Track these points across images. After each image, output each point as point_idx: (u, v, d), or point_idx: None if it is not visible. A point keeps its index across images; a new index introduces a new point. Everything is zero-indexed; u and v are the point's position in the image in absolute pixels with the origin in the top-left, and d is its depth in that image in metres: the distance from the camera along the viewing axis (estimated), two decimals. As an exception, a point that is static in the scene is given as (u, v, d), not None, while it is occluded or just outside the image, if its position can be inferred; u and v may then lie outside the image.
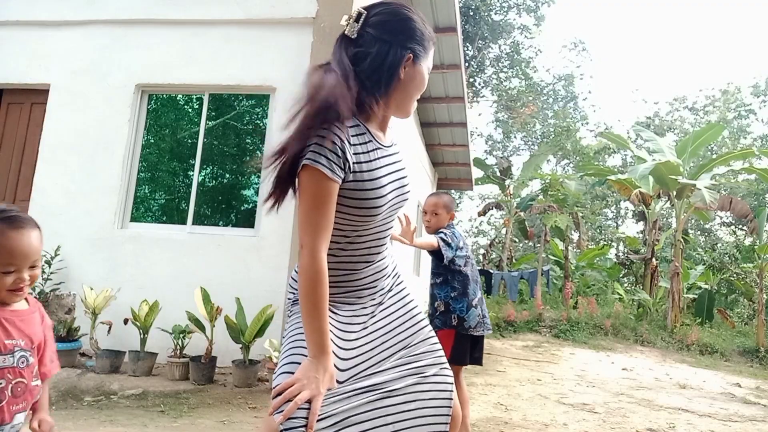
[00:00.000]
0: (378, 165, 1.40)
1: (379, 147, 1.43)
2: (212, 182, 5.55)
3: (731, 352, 10.59)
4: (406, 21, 1.44)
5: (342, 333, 1.40)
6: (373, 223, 1.42)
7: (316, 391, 1.24)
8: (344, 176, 1.32)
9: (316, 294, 1.29)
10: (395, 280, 1.57)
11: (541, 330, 10.92)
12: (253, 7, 5.32)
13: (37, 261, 1.34)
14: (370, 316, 1.47)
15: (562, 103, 24.71)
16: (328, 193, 1.30)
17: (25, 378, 1.32)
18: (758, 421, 4.97)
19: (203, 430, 3.23)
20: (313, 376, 1.25)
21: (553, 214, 13.97)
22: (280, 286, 4.74)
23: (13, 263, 1.28)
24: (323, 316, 1.29)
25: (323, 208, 1.30)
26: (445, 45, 7.51)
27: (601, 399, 5.28)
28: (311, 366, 1.26)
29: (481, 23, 20.22)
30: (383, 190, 1.39)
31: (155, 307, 4.56)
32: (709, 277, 15.33)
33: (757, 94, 25.63)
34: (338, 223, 1.37)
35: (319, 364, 1.26)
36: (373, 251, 1.46)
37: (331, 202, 1.31)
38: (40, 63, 5.65)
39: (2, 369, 1.28)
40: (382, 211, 1.41)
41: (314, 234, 1.30)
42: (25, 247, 1.29)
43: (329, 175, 1.28)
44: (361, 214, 1.38)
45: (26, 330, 1.34)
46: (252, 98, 5.50)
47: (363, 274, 1.46)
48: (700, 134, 12.59)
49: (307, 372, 1.25)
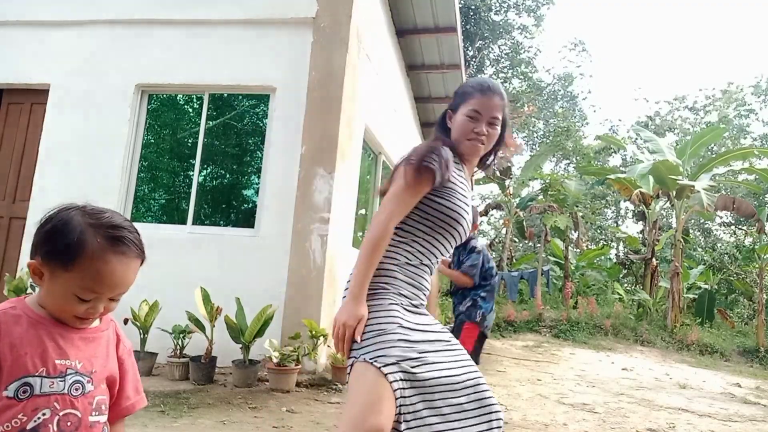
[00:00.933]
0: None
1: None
2: (212, 182, 5.55)
3: (731, 352, 10.59)
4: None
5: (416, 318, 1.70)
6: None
7: (345, 316, 1.59)
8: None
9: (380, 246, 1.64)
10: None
11: (541, 330, 10.92)
12: (253, 7, 5.32)
13: (122, 294, 1.06)
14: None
15: (561, 102, 24.72)
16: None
17: (78, 409, 1.02)
18: (758, 421, 4.97)
19: (203, 430, 3.23)
20: (344, 310, 1.61)
21: (553, 214, 13.96)
22: (280, 286, 4.74)
23: (96, 292, 1.00)
24: (374, 263, 1.63)
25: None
26: (445, 45, 7.52)
27: (601, 399, 5.28)
28: (345, 305, 1.62)
29: (481, 23, 20.22)
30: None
31: (155, 307, 4.57)
32: (709, 277, 15.32)
33: (758, 93, 25.64)
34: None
35: (352, 303, 1.60)
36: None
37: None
38: (40, 63, 5.65)
39: (48, 396, 0.99)
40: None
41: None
42: (119, 278, 1.02)
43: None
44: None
45: (86, 351, 1.06)
46: (252, 98, 5.50)
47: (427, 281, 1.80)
48: (701, 135, 12.59)
49: (341, 310, 1.63)
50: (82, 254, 0.98)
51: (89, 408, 1.04)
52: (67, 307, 1.01)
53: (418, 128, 9.75)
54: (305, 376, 4.53)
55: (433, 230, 1.73)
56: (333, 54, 5.01)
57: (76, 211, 1.02)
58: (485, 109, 1.76)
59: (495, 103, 1.78)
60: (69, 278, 0.99)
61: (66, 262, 0.98)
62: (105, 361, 1.09)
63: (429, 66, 8.11)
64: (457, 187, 1.75)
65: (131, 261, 1.04)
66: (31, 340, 1.00)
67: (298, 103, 5.04)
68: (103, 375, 1.09)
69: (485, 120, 1.77)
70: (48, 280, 1.01)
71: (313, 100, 4.98)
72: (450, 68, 8.05)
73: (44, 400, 0.99)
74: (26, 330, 1.00)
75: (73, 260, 0.98)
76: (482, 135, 1.76)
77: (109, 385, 1.11)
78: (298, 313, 4.63)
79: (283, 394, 4.13)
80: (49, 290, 1.02)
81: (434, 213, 1.72)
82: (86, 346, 1.06)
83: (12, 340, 0.98)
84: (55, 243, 0.99)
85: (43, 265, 1.00)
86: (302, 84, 5.03)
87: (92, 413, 1.05)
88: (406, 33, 7.29)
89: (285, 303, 4.70)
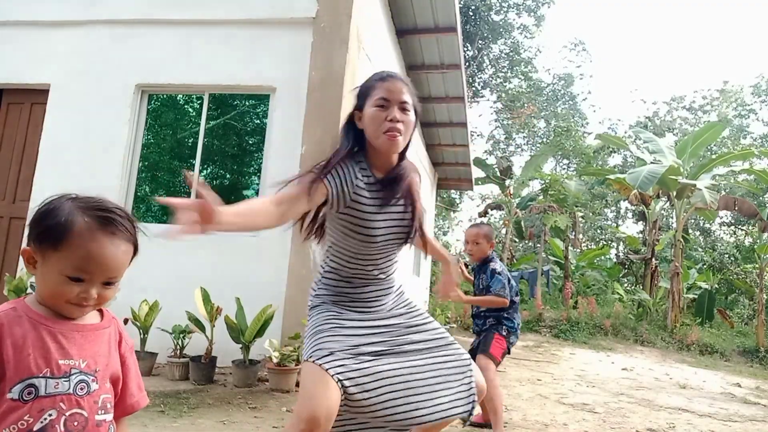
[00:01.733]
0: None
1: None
2: (212, 182, 5.55)
3: (731, 352, 10.60)
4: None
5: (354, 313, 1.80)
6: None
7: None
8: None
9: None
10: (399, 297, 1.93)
11: (541, 330, 10.92)
12: (252, 7, 5.32)
13: (115, 279, 1.06)
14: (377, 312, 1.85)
15: (561, 102, 24.71)
16: None
17: (84, 409, 1.02)
18: (758, 421, 4.97)
19: (203, 430, 3.23)
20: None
21: (553, 214, 13.97)
22: (280, 286, 4.74)
23: (87, 271, 1.00)
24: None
25: None
26: (445, 45, 7.51)
27: (601, 399, 5.28)
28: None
29: (481, 23, 20.22)
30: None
31: (155, 307, 4.56)
32: (709, 277, 15.33)
33: (758, 93, 25.63)
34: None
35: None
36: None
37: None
38: (40, 63, 5.64)
39: (53, 396, 0.99)
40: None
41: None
42: (108, 256, 1.02)
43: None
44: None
45: (89, 349, 1.06)
46: (252, 98, 5.50)
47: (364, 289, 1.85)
48: (700, 134, 12.59)
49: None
50: (72, 232, 1.00)
51: (95, 407, 1.04)
52: (60, 291, 1.01)
53: (418, 128, 9.74)
54: (305, 376, 4.52)
55: (343, 239, 1.78)
56: (333, 54, 5.01)
57: (67, 198, 1.05)
58: (392, 94, 1.70)
59: (399, 87, 1.72)
60: (60, 258, 0.99)
61: (56, 241, 0.99)
62: (108, 359, 1.09)
63: (429, 66, 8.10)
64: (361, 208, 1.73)
65: (121, 243, 1.05)
66: (33, 341, 0.99)
67: (298, 103, 5.03)
68: (107, 373, 1.09)
69: (395, 104, 1.70)
70: (41, 266, 1.02)
71: (313, 100, 4.98)
72: (450, 68, 8.05)
73: (50, 401, 0.98)
74: (28, 331, 1.00)
75: (62, 239, 0.99)
76: (397, 121, 1.69)
77: (113, 383, 1.11)
78: (298, 313, 4.62)
79: (283, 394, 4.13)
80: (42, 276, 1.02)
81: (340, 227, 1.77)
82: (89, 345, 1.06)
83: (14, 341, 0.98)
84: (45, 224, 1.01)
85: (35, 250, 1.02)
86: (302, 84, 5.03)
87: (98, 412, 1.05)
88: (406, 33, 7.29)
89: (285, 303, 4.70)
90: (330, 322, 1.72)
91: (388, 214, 1.77)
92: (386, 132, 1.68)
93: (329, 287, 1.82)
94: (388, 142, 1.70)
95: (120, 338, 1.15)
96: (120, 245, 1.05)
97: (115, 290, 1.07)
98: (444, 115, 9.67)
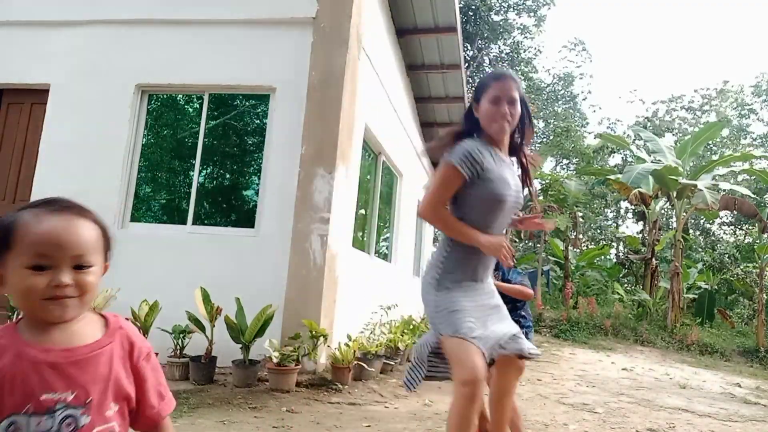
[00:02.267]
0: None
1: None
2: (212, 182, 5.55)
3: (731, 352, 10.60)
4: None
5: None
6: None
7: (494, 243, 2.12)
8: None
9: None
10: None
11: (541, 330, 10.92)
12: (253, 7, 5.32)
13: (84, 258, 0.97)
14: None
15: (561, 102, 24.71)
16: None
17: None
18: (758, 421, 4.97)
19: (203, 430, 3.23)
20: (486, 241, 2.11)
21: (553, 214, 13.97)
22: (280, 286, 4.74)
23: (45, 254, 0.93)
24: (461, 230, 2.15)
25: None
26: (445, 45, 7.51)
27: (601, 399, 5.28)
28: (480, 241, 2.11)
29: (481, 23, 20.23)
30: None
31: (155, 307, 4.56)
32: (709, 277, 15.33)
33: (758, 93, 25.63)
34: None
35: (482, 240, 2.10)
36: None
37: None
38: (40, 63, 5.64)
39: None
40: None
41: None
42: (63, 233, 0.96)
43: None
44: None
45: (80, 377, 0.96)
46: (252, 98, 5.50)
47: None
48: (700, 134, 12.59)
49: (485, 244, 2.12)
50: (18, 224, 0.96)
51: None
52: (29, 289, 0.93)
53: (418, 128, 9.75)
54: (305, 376, 4.53)
55: (479, 213, 2.18)
56: (333, 54, 5.01)
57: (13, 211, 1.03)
58: (503, 92, 2.15)
59: (510, 85, 2.17)
60: (16, 254, 0.95)
61: (6, 241, 0.96)
62: (108, 382, 1.00)
63: (429, 66, 8.11)
64: (492, 173, 2.13)
65: (72, 218, 0.99)
66: (15, 375, 0.93)
67: (298, 103, 5.04)
68: (107, 398, 1.00)
69: (505, 101, 2.15)
70: (6, 277, 0.97)
71: (313, 100, 4.98)
72: (450, 68, 8.05)
73: None
74: (12, 363, 0.93)
75: (11, 235, 0.95)
76: (507, 115, 2.15)
77: (125, 401, 1.04)
78: (298, 313, 4.62)
79: (283, 394, 4.13)
80: (10, 285, 0.97)
81: (474, 201, 2.16)
82: (80, 373, 0.97)
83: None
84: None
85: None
86: (302, 84, 5.03)
87: None
88: (406, 33, 7.29)
89: (285, 303, 4.70)
90: (459, 302, 2.13)
91: (511, 181, 2.21)
92: (497, 122, 2.16)
93: (458, 261, 2.19)
94: (499, 129, 2.18)
95: (131, 347, 1.06)
96: (71, 220, 0.99)
97: (94, 276, 0.99)
98: (444, 115, 9.67)
